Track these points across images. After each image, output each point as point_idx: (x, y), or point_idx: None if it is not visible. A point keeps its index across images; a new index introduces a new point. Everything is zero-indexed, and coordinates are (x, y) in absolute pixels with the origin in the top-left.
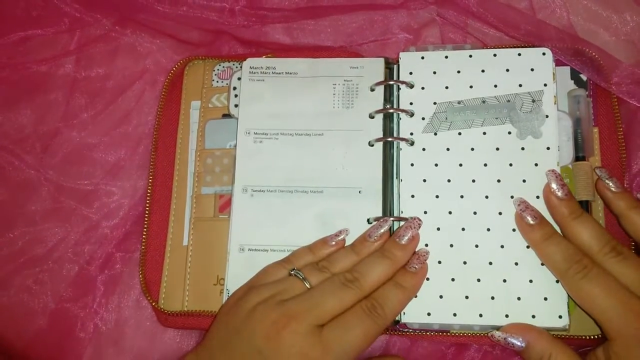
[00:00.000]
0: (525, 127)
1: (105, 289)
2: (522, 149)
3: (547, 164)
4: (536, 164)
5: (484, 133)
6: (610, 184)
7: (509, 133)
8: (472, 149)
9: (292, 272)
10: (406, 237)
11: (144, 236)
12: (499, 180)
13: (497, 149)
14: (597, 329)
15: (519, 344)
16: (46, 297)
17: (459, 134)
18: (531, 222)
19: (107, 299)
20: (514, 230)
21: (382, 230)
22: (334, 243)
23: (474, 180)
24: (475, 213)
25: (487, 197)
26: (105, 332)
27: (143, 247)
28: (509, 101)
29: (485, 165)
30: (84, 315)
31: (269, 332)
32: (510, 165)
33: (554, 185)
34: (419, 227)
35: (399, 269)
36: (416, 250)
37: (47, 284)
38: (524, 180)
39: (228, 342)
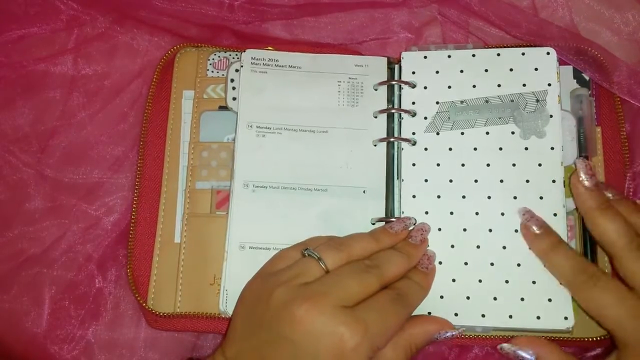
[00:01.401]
0: (529, 127)
1: (105, 288)
2: (526, 149)
3: (551, 164)
4: (540, 164)
5: (487, 133)
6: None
7: (513, 133)
8: (475, 149)
9: (306, 252)
10: (418, 238)
11: (131, 232)
12: (501, 181)
13: (500, 149)
14: (601, 331)
15: (528, 357)
16: (45, 296)
17: (462, 133)
18: (537, 231)
19: (106, 298)
20: (516, 231)
21: (403, 225)
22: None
23: (476, 181)
24: (477, 213)
25: (489, 197)
26: (105, 331)
27: (130, 244)
28: (512, 101)
29: (488, 165)
30: (84, 314)
31: (295, 316)
32: (514, 165)
33: (582, 175)
34: (428, 232)
35: (411, 268)
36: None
37: (46, 284)
38: (527, 181)
39: (253, 336)
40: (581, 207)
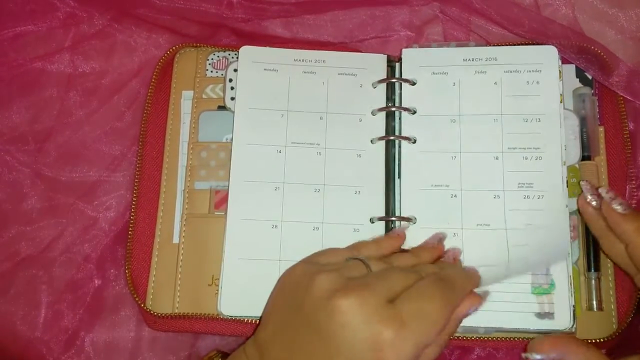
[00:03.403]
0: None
1: (103, 288)
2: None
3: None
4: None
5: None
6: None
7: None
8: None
9: (353, 258)
10: (451, 258)
11: (130, 232)
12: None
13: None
14: (602, 333)
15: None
16: (43, 296)
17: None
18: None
19: (105, 298)
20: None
21: (438, 238)
22: (395, 235)
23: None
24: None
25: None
26: (103, 332)
27: (129, 244)
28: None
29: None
30: (81, 315)
31: (336, 306)
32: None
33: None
34: (460, 254)
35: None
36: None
37: (44, 284)
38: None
39: (288, 320)
40: (618, 232)
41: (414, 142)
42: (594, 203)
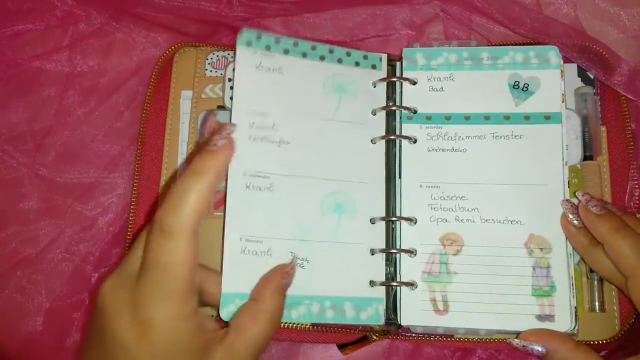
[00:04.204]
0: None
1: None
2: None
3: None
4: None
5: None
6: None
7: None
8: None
9: None
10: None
11: (129, 232)
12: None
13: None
14: (605, 334)
15: (539, 349)
16: (41, 298)
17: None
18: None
19: None
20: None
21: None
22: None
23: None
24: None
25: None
26: None
27: (128, 245)
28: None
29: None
30: (80, 315)
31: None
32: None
33: (590, 206)
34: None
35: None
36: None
37: (42, 284)
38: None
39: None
40: (595, 234)
41: (415, 141)
42: (575, 222)
